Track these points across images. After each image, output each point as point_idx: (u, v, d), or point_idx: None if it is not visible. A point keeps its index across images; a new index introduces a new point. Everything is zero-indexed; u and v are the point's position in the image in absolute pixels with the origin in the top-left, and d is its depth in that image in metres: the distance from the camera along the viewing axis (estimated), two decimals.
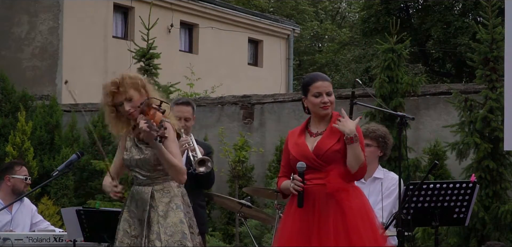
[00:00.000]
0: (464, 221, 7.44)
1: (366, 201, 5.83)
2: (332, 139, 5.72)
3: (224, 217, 13.26)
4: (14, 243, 7.26)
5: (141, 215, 6.08)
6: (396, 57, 10.60)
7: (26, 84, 17.58)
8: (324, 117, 5.82)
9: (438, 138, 11.64)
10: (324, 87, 5.78)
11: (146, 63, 11.32)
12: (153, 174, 6.15)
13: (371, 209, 5.82)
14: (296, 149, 5.83)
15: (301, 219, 5.70)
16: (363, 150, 5.73)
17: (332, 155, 5.68)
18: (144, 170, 6.13)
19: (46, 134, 14.69)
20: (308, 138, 5.85)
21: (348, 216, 5.59)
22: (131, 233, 6.09)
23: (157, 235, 6.02)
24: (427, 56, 30.37)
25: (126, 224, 6.11)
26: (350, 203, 5.63)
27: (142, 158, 6.11)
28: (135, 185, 6.17)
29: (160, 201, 6.10)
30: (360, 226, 5.58)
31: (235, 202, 8.26)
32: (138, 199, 6.11)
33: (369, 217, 5.70)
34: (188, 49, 24.46)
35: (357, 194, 5.76)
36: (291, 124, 14.26)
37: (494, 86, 9.25)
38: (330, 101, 5.79)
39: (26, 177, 8.16)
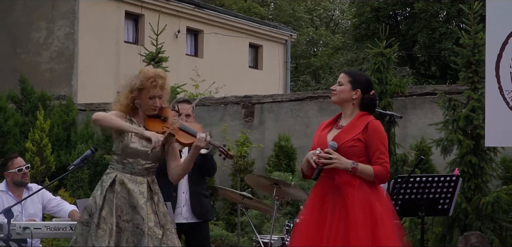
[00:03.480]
0: (448, 211, 7.44)
1: (373, 195, 5.56)
2: (349, 134, 5.60)
3: (227, 208, 13.25)
4: (33, 232, 7.23)
5: (135, 202, 5.99)
6: (385, 61, 10.59)
7: (44, 85, 17.56)
8: (346, 110, 5.71)
9: (424, 135, 11.63)
10: (338, 78, 5.76)
11: (155, 66, 11.28)
12: (151, 166, 6.14)
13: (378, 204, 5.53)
14: (317, 140, 5.74)
15: (314, 209, 5.63)
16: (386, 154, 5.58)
17: (345, 150, 5.55)
18: (148, 161, 6.09)
19: (63, 131, 14.68)
20: (334, 130, 5.74)
21: (350, 211, 5.45)
22: (123, 218, 5.99)
23: (155, 223, 6.00)
24: (414, 60, 30.35)
25: (118, 209, 6.00)
26: (353, 198, 5.48)
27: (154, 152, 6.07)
28: (126, 173, 6.06)
29: (154, 191, 6.10)
30: (359, 218, 5.42)
31: (237, 194, 8.26)
32: (130, 188, 6.01)
33: (373, 209, 5.48)
34: (194, 53, 24.45)
35: (363, 187, 5.54)
36: (289, 122, 14.27)
37: (476, 87, 9.24)
38: (336, 90, 5.72)
39: (20, 168, 8.02)
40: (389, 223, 5.52)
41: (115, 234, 5.96)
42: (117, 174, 6.07)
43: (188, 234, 7.48)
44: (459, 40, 9.91)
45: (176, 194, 7.32)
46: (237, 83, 23.19)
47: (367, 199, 5.50)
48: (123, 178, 6.06)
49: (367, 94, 5.71)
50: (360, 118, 5.66)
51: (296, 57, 36.52)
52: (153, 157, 6.09)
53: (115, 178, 6.07)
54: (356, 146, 5.56)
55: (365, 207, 5.47)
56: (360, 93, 5.69)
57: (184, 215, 7.36)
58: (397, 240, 5.52)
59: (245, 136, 11.64)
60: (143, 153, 6.06)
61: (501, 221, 9.02)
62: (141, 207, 5.98)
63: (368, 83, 5.81)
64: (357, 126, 5.62)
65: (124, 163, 6.08)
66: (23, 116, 15.08)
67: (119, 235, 5.99)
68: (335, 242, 5.43)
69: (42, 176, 12.58)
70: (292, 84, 31.33)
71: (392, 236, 5.50)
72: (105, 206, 6.02)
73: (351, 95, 5.69)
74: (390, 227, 5.52)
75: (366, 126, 5.59)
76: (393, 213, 5.62)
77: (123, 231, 5.99)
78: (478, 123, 9.08)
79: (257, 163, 13.71)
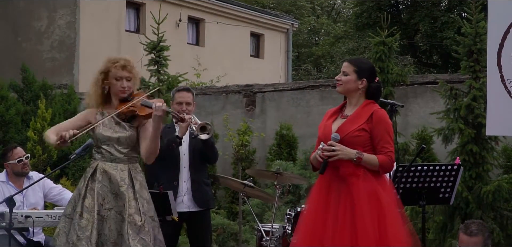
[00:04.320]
0: (449, 200, 7.45)
1: (379, 185, 5.53)
2: (354, 124, 5.56)
3: (229, 197, 13.26)
4: (35, 221, 7.24)
5: (117, 189, 6.03)
6: (386, 50, 10.58)
7: (46, 74, 17.56)
8: (352, 99, 5.68)
9: (425, 124, 11.62)
10: (342, 67, 5.71)
11: (156, 55, 11.29)
12: (131, 153, 6.15)
13: (383, 193, 5.51)
14: (322, 130, 5.70)
15: (319, 199, 5.61)
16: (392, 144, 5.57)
17: (350, 140, 5.51)
18: (124, 147, 6.11)
19: (64, 120, 14.64)
20: (338, 119, 5.70)
21: (355, 201, 5.42)
22: (105, 206, 6.02)
23: (136, 210, 6.01)
24: (416, 49, 30.34)
25: (100, 197, 6.02)
26: (358, 188, 5.45)
27: (128, 136, 6.11)
28: (105, 161, 6.09)
29: (136, 178, 6.11)
30: (365, 209, 5.39)
31: (238, 183, 8.27)
32: (112, 175, 6.05)
33: (379, 200, 5.44)
34: (195, 42, 24.45)
35: (369, 178, 5.51)
36: (290, 111, 14.27)
37: (477, 76, 9.23)
38: (341, 80, 5.67)
39: (20, 159, 8.01)
40: (394, 212, 5.51)
41: (96, 222, 5.98)
42: (98, 163, 6.13)
43: (190, 222, 7.49)
44: (460, 29, 9.90)
45: (177, 183, 7.33)
46: (239, 72, 23.19)
47: (372, 188, 5.48)
48: (103, 166, 6.10)
49: (373, 82, 5.68)
50: (365, 107, 5.63)
51: (297, 46, 36.51)
52: (128, 142, 6.11)
53: (96, 167, 6.12)
54: (360, 136, 5.53)
55: (370, 197, 5.44)
56: (366, 82, 5.66)
57: (186, 204, 7.37)
58: (403, 229, 5.51)
59: (246, 125, 11.64)
60: (115, 139, 6.10)
61: (502, 210, 9.03)
62: (123, 194, 6.02)
63: (373, 70, 5.78)
64: (362, 116, 5.59)
65: (102, 152, 6.13)
66: (25, 105, 15.07)
67: (102, 223, 6.02)
68: (342, 233, 5.41)
69: (43, 165, 12.59)
70: (294, 73, 31.30)
71: (398, 225, 5.48)
72: (88, 195, 6.06)
73: (357, 84, 5.65)
74: (396, 216, 5.51)
75: (371, 116, 5.57)
76: (397, 202, 5.63)
77: (106, 219, 6.02)
78: (480, 112, 9.08)
79: (258, 152, 13.72)
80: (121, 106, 6.16)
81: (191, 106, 7.40)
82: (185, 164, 7.38)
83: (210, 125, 7.12)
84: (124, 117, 6.15)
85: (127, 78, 6.14)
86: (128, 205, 5.99)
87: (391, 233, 5.39)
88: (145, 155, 6.12)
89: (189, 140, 7.41)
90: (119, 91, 6.16)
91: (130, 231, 5.94)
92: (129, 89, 6.17)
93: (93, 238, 5.97)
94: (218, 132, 13.16)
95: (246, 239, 11.02)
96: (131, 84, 6.18)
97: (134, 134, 6.15)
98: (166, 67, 11.28)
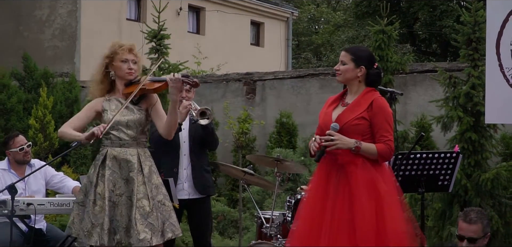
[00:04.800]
0: (448, 187, 7.46)
1: (377, 173, 5.51)
2: (354, 112, 5.54)
3: (229, 184, 13.28)
4: (37, 208, 7.24)
5: (127, 175, 6.06)
6: (386, 38, 10.57)
7: (47, 63, 17.56)
8: (352, 87, 5.66)
9: (425, 112, 11.62)
10: (340, 56, 5.69)
11: (157, 43, 11.27)
12: (140, 136, 6.16)
13: (382, 181, 5.48)
14: (322, 117, 5.69)
15: (319, 186, 5.60)
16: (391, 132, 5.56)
17: (349, 128, 5.49)
18: (133, 131, 6.12)
19: (65, 108, 14.69)
20: (339, 107, 5.68)
21: (353, 189, 5.42)
22: (116, 192, 6.05)
23: (144, 195, 6.03)
24: (415, 37, 30.31)
25: (111, 183, 6.06)
26: (356, 176, 5.43)
27: (136, 119, 6.12)
28: (115, 147, 6.12)
29: (144, 163, 6.12)
30: (363, 197, 5.38)
31: (238, 170, 8.27)
32: (122, 160, 6.08)
33: (377, 188, 5.43)
34: (196, 31, 24.44)
35: (367, 166, 5.49)
36: (290, 99, 14.27)
37: (476, 64, 9.22)
38: (340, 70, 5.64)
39: (21, 147, 8.00)
40: (393, 200, 5.49)
41: (108, 208, 6.01)
42: (107, 150, 6.14)
43: (190, 209, 7.50)
44: (459, 17, 9.89)
45: (177, 170, 7.32)
46: (239, 60, 23.18)
47: (370, 177, 5.46)
48: (113, 152, 6.12)
49: (372, 69, 5.66)
50: (365, 95, 5.61)
51: (297, 35, 36.47)
52: (136, 126, 6.13)
53: (106, 154, 6.14)
54: (360, 125, 5.52)
55: (369, 186, 5.43)
56: (365, 69, 5.64)
57: (186, 191, 7.37)
58: (402, 217, 5.49)
59: (246, 113, 11.63)
60: (124, 123, 6.11)
61: (501, 197, 9.03)
62: (132, 179, 6.03)
63: (371, 57, 5.76)
64: (362, 104, 5.57)
65: (111, 138, 6.15)
66: (26, 93, 15.08)
67: (113, 209, 6.04)
68: (340, 221, 5.40)
69: (45, 152, 12.60)
70: (294, 61, 31.30)
71: (397, 213, 5.46)
72: (99, 182, 6.10)
73: (356, 73, 5.63)
74: (394, 204, 5.48)
75: (370, 104, 5.55)
76: (397, 190, 5.62)
77: (117, 205, 6.04)
78: (478, 100, 9.07)
79: (258, 140, 13.73)
80: (127, 90, 6.17)
81: (191, 94, 7.39)
82: (185, 151, 7.38)
83: (209, 110, 7.12)
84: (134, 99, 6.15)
85: (133, 61, 6.18)
86: (136, 190, 6.01)
87: (390, 222, 5.37)
88: (165, 132, 6.13)
89: (189, 127, 7.40)
90: (126, 73, 6.18)
91: (138, 216, 5.97)
92: (136, 72, 6.20)
93: (105, 224, 6.00)
94: (219, 120, 13.16)
95: (246, 226, 11.04)
96: (136, 68, 6.21)
97: (142, 117, 6.17)
98: (167, 56, 11.26)
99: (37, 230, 7.66)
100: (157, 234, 5.99)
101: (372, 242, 5.33)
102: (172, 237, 6.14)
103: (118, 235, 6.01)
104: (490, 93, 7.76)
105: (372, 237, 5.33)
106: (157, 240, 6.00)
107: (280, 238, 7.57)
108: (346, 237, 5.37)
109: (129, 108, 6.16)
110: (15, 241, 7.22)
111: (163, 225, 6.06)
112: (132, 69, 6.17)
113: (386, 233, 5.35)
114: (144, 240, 5.94)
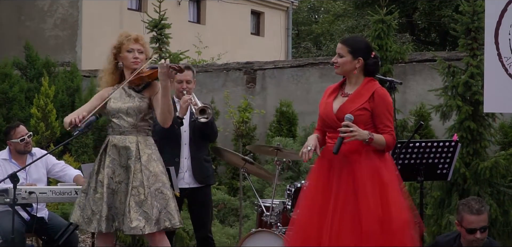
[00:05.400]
0: (447, 176, 7.46)
1: (380, 162, 5.52)
2: (356, 103, 5.52)
3: (229, 173, 13.28)
4: (39, 197, 7.25)
5: (125, 162, 6.09)
6: (385, 28, 10.54)
7: (49, 52, 17.54)
8: (351, 78, 5.63)
9: (424, 101, 11.60)
10: (337, 49, 5.65)
11: (158, 33, 11.24)
12: (140, 123, 6.19)
13: (385, 170, 5.49)
14: (323, 107, 5.67)
15: (321, 175, 5.59)
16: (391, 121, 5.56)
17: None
18: (133, 118, 6.16)
19: (67, 97, 14.69)
20: (338, 97, 5.66)
21: (357, 177, 5.41)
22: (115, 179, 6.09)
23: (140, 183, 6.05)
24: (414, 27, 30.28)
25: (110, 170, 6.10)
26: (360, 165, 5.43)
27: (136, 106, 6.17)
28: (115, 135, 6.18)
29: (143, 151, 6.14)
30: (367, 186, 5.38)
31: (239, 157, 8.26)
32: (121, 147, 6.12)
33: (381, 177, 5.43)
34: (196, 20, 24.43)
35: (370, 155, 5.49)
36: (290, 88, 14.27)
37: (475, 54, 9.20)
38: (338, 62, 5.61)
39: (22, 138, 7.99)
40: (396, 189, 5.50)
41: (106, 195, 6.04)
42: (109, 138, 6.22)
43: (191, 198, 7.51)
44: (458, 7, 9.86)
45: (178, 159, 7.33)
46: (239, 50, 23.19)
47: (374, 166, 5.47)
48: (113, 140, 6.18)
49: (369, 59, 5.63)
50: (366, 85, 5.61)
51: (297, 24, 36.45)
52: (136, 112, 6.16)
53: (107, 141, 6.21)
54: (362, 115, 5.50)
55: (373, 175, 5.43)
56: (362, 60, 5.61)
57: (186, 180, 7.37)
58: (405, 206, 5.50)
59: (247, 102, 11.61)
60: (124, 110, 6.16)
61: (499, 186, 9.02)
62: (129, 166, 6.06)
63: (368, 47, 5.73)
64: (363, 94, 5.56)
65: (112, 126, 6.22)
66: (28, 82, 15.07)
67: (112, 196, 6.07)
68: (344, 210, 5.39)
69: (47, 141, 12.59)
70: (294, 51, 31.27)
71: (401, 202, 5.48)
72: (101, 170, 6.16)
73: (354, 65, 5.60)
74: (398, 193, 5.49)
75: (372, 95, 5.54)
76: (398, 178, 5.62)
77: (117, 192, 6.08)
78: (477, 89, 9.05)
79: (258, 129, 13.73)
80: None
81: (191, 84, 7.39)
82: (186, 141, 7.38)
83: (209, 108, 7.10)
84: (135, 87, 6.23)
85: (139, 50, 6.25)
86: (133, 178, 6.03)
87: (394, 211, 5.38)
88: (160, 119, 6.15)
89: (189, 118, 7.40)
90: (131, 63, 6.25)
91: (133, 203, 5.98)
92: (142, 62, 6.25)
93: (104, 211, 6.04)
94: (219, 109, 13.14)
95: (246, 215, 11.04)
96: (143, 57, 6.27)
97: (143, 104, 6.21)
98: (167, 45, 11.24)
99: (39, 218, 7.67)
100: (150, 222, 5.98)
101: (377, 230, 5.33)
102: (169, 227, 6.12)
103: (117, 222, 6.05)
104: (488, 82, 7.76)
105: (377, 225, 5.33)
106: (150, 228, 5.99)
107: (280, 226, 7.57)
108: (350, 226, 5.36)
109: (131, 96, 6.23)
110: (17, 229, 7.22)
111: (159, 213, 6.05)
112: (137, 58, 6.24)
113: (391, 221, 5.35)
114: (136, 228, 5.96)
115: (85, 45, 20.11)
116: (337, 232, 5.36)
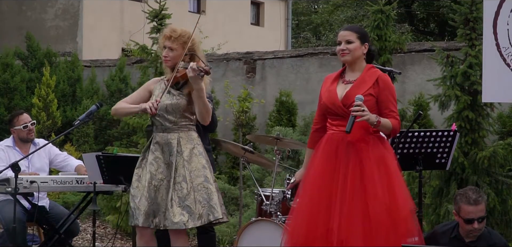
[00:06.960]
0: (446, 165, 7.45)
1: (386, 151, 5.55)
2: (361, 89, 5.53)
3: (229, 162, 13.28)
4: (40, 186, 7.24)
5: (168, 159, 6.09)
6: (384, 18, 10.52)
7: (50, 42, 17.52)
8: (354, 65, 5.66)
9: (422, 90, 11.60)
10: (343, 36, 5.65)
11: (158, 23, 11.22)
12: (181, 120, 6.17)
13: (390, 159, 5.53)
14: (327, 95, 5.66)
15: (326, 162, 5.57)
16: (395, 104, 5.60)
17: None
18: (172, 115, 6.14)
19: (68, 87, 14.68)
20: (340, 85, 5.67)
21: (365, 165, 5.42)
22: (158, 176, 6.08)
23: (183, 178, 6.04)
24: (413, 17, 30.23)
25: (153, 167, 6.10)
26: (368, 153, 5.45)
27: (174, 103, 6.14)
28: (158, 132, 6.18)
29: (185, 146, 6.12)
30: (375, 174, 5.39)
31: (239, 147, 8.26)
32: (164, 145, 6.12)
33: (387, 166, 5.46)
34: (196, 10, 24.38)
35: (377, 144, 5.53)
36: (290, 78, 14.26)
37: (473, 44, 9.18)
38: (348, 49, 5.62)
39: (25, 125, 8.02)
40: (401, 177, 5.57)
41: (147, 191, 6.04)
42: (153, 135, 6.23)
43: None
44: None
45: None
46: (239, 40, 23.16)
47: (380, 154, 5.50)
48: (157, 137, 6.18)
49: (370, 45, 5.74)
50: (368, 71, 5.64)
51: (297, 14, 36.38)
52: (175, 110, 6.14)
53: (151, 138, 6.22)
54: (368, 101, 5.50)
55: (379, 162, 5.46)
56: (368, 45, 5.69)
57: None
58: (408, 193, 5.56)
59: (247, 92, 11.60)
60: (163, 108, 6.12)
61: (497, 175, 9.02)
62: (171, 163, 6.06)
63: (368, 34, 5.86)
64: (367, 81, 5.59)
65: (155, 123, 6.22)
66: (30, 72, 15.06)
67: (154, 192, 6.07)
68: (351, 198, 5.39)
69: (48, 131, 12.60)
70: (293, 41, 31.23)
71: (405, 189, 5.54)
72: (143, 166, 6.18)
73: (362, 50, 5.66)
74: (402, 181, 5.58)
75: (376, 81, 5.57)
76: (398, 167, 5.64)
77: (158, 188, 6.07)
78: (475, 79, 9.04)
79: (258, 118, 13.73)
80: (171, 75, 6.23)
81: None
82: None
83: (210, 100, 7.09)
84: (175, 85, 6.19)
85: (170, 48, 6.18)
86: (175, 173, 6.03)
87: (400, 198, 5.42)
88: (199, 117, 6.15)
89: None
90: (163, 60, 6.25)
91: (176, 198, 5.98)
92: (173, 59, 6.18)
93: (142, 206, 6.04)
94: (219, 99, 13.13)
95: (246, 204, 11.04)
96: (173, 54, 6.19)
97: (182, 101, 6.16)
98: None
99: (40, 208, 7.67)
100: (194, 217, 5.98)
101: (384, 218, 5.34)
102: (213, 220, 6.09)
103: (157, 219, 6.03)
104: (487, 72, 7.75)
105: (384, 213, 5.35)
106: (194, 223, 6.00)
107: (280, 215, 7.57)
108: (361, 213, 5.36)
109: (171, 93, 6.19)
110: (19, 218, 7.22)
111: (202, 208, 6.03)
112: (166, 57, 6.20)
113: (398, 210, 5.38)
114: (180, 222, 5.96)
115: (86, 36, 20.08)
116: (347, 218, 5.36)
